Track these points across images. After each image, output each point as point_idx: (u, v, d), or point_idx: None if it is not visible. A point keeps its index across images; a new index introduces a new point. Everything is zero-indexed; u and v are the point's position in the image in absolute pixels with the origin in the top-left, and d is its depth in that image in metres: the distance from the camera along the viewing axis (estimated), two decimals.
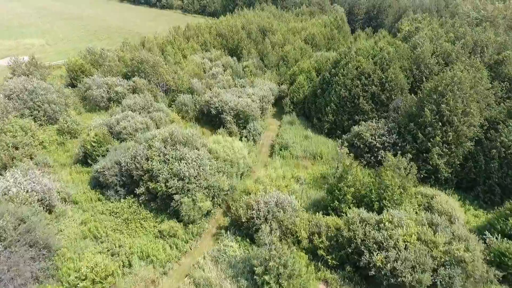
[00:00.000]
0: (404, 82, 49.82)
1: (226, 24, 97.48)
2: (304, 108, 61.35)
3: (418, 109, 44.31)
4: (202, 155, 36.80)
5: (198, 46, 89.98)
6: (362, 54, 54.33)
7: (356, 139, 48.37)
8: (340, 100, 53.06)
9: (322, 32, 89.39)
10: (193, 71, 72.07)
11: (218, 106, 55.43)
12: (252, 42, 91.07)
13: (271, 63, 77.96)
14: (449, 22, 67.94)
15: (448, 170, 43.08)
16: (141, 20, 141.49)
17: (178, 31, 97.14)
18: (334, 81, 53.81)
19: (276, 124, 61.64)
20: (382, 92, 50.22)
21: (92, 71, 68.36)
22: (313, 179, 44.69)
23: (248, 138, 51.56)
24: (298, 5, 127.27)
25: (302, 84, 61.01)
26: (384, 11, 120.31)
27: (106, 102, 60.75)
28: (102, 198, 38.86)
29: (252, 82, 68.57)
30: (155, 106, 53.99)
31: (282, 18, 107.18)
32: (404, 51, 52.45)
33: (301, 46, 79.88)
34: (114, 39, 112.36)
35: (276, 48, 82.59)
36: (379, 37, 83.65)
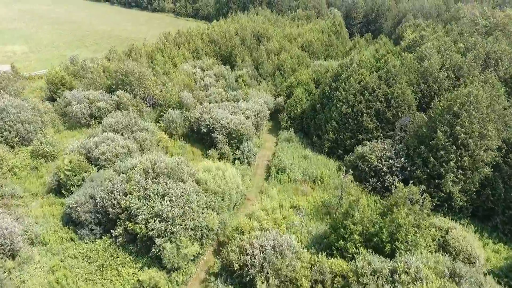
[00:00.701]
0: (411, 98, 45.64)
1: (218, 30, 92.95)
2: (302, 124, 57.01)
3: (429, 130, 40.11)
4: (188, 189, 32.19)
5: (189, 54, 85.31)
6: (365, 67, 50.09)
7: (360, 161, 44.08)
8: (341, 117, 48.76)
9: (319, 39, 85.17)
10: (183, 82, 67.39)
11: (209, 123, 50.87)
12: (246, 49, 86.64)
13: (267, 72, 73.55)
14: (455, 29, 64.10)
15: (463, 198, 38.93)
16: (131, 24, 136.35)
17: (168, 37, 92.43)
18: (335, 96, 49.51)
19: (272, 141, 57.20)
20: (388, 109, 45.98)
21: (73, 83, 63.43)
22: (313, 208, 40.30)
23: (242, 160, 47.03)
24: (293, 8, 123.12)
25: (300, 98, 56.64)
26: (382, 15, 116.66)
27: (88, 119, 55.92)
28: (75, 237, 34.10)
29: (246, 95, 64.07)
30: (139, 124, 49.23)
31: (278, 22, 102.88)
32: (411, 63, 48.29)
33: (298, 54, 75.57)
34: (102, 45, 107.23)
35: (271, 56, 78.24)
36: (379, 44, 79.61)
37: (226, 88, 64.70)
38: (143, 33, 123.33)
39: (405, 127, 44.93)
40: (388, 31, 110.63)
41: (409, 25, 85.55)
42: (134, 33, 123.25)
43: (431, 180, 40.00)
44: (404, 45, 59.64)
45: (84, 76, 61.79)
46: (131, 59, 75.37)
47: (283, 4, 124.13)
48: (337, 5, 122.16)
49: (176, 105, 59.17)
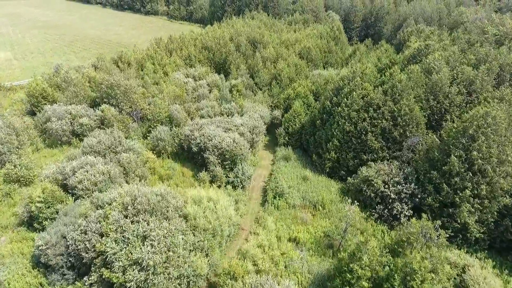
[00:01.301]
0: (420, 116, 41.89)
1: (212, 36, 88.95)
2: (301, 140, 53.14)
3: (442, 153, 36.37)
4: (173, 230, 28.19)
5: (182, 62, 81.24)
6: (368, 80, 46.29)
7: (365, 185, 40.29)
8: (343, 135, 44.93)
9: (318, 45, 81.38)
10: (174, 93, 63.34)
11: (200, 142, 46.87)
12: (241, 56, 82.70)
13: (263, 81, 69.62)
14: (462, 37, 60.56)
15: (479, 229, 35.23)
16: (123, 29, 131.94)
17: (160, 43, 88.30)
18: (336, 112, 45.69)
19: (269, 159, 53.28)
20: (394, 128, 42.21)
21: (56, 96, 59.10)
22: (314, 241, 36.41)
23: (236, 184, 43.05)
24: (290, 12, 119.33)
25: (298, 112, 52.77)
26: (382, 19, 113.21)
27: (69, 136, 51.76)
28: (44, 283, 30.00)
29: (241, 107, 60.12)
30: (124, 144, 45.13)
31: (274, 27, 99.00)
32: (418, 77, 44.54)
33: (296, 62, 71.71)
34: (92, 51, 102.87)
35: (267, 64, 74.33)
36: (381, 51, 75.92)
37: (220, 101, 60.69)
38: (135, 38, 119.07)
39: (413, 147, 41.21)
40: (388, 35, 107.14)
41: (411, 31, 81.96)
42: (126, 38, 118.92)
43: (444, 208, 36.30)
44: (408, 55, 56.01)
45: (66, 89, 57.41)
46: (119, 69, 71.28)
47: (280, 7, 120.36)
48: (335, 9, 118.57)
49: (166, 120, 55.16)
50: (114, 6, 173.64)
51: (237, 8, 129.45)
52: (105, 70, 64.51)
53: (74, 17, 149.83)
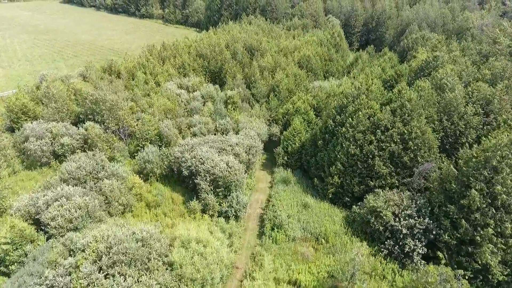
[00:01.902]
0: (433, 139, 38.03)
1: (207, 43, 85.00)
2: (301, 160, 49.21)
3: (459, 185, 32.50)
4: (154, 286, 24.15)
5: (175, 71, 77.22)
6: (374, 98, 42.38)
7: (373, 217, 36.40)
8: (348, 158, 41.01)
9: (318, 53, 77.54)
10: (166, 107, 59.39)
11: (191, 165, 42.87)
12: (237, 65, 78.77)
13: (260, 93, 65.64)
14: (472, 48, 56.79)
15: (503, 271, 31.38)
16: (116, 33, 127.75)
17: (152, 51, 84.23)
18: (340, 132, 41.77)
19: (266, 180, 49.32)
20: (404, 152, 38.32)
21: (38, 111, 54.94)
22: (318, 284, 32.45)
23: (229, 215, 39.04)
24: (289, 16, 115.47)
25: (298, 130, 48.84)
26: (383, 24, 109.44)
27: (49, 157, 47.67)
28: None
29: (236, 122, 56.17)
30: (108, 169, 41.07)
31: (272, 33, 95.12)
32: (430, 95, 40.66)
33: (295, 72, 67.78)
34: (82, 58, 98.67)
35: (265, 73, 70.35)
36: (384, 60, 72.08)
37: (214, 115, 56.66)
38: (128, 43, 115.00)
39: (425, 173, 37.35)
40: (390, 41, 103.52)
41: (416, 39, 78.18)
42: (118, 43, 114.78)
43: (462, 246, 32.47)
44: (416, 67, 52.15)
45: (48, 105, 53.24)
46: (108, 80, 67.14)
47: (278, 11, 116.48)
48: (335, 13, 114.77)
49: (155, 138, 51.15)
50: (108, 9, 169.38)
51: (234, 12, 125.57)
52: (91, 82, 60.32)
53: (67, 21, 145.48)
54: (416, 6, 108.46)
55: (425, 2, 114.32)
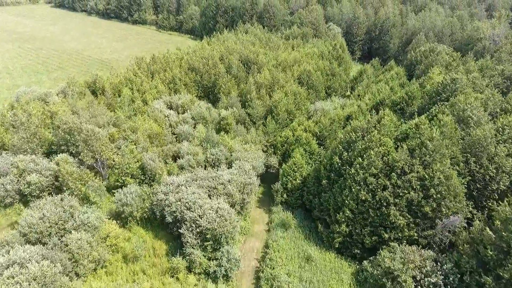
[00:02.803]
0: (458, 185, 32.27)
1: (200, 55, 79.15)
2: (302, 197, 43.37)
3: (498, 252, 26.74)
4: None
5: (164, 87, 71.34)
6: (388, 133, 36.56)
7: (389, 280, 30.60)
8: (358, 204, 35.23)
9: (319, 67, 71.73)
10: (151, 132, 53.54)
11: (175, 210, 37.01)
12: (232, 79, 73.01)
13: (257, 114, 59.76)
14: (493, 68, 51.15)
15: None
16: (106, 41, 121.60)
17: (141, 64, 78.18)
18: (349, 174, 35.94)
19: (263, 222, 43.41)
20: (425, 201, 32.54)
21: (6, 139, 48.83)
22: None
23: (218, 275, 33.13)
24: (288, 23, 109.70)
25: (299, 165, 42.99)
26: (387, 32, 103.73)
27: (14, 197, 41.65)
28: None
29: (230, 150, 50.31)
30: (77, 217, 35.09)
31: (270, 43, 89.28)
32: (453, 131, 34.88)
33: (295, 90, 61.95)
34: (68, 70, 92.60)
35: (262, 91, 64.47)
36: (391, 75, 66.34)
37: (205, 144, 50.69)
38: (118, 53, 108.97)
39: (451, 228, 31.62)
40: (395, 51, 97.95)
41: (425, 52, 72.52)
42: (107, 52, 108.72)
43: None
44: (431, 90, 46.44)
45: (16, 133, 47.08)
46: (86, 102, 60.89)
47: (276, 18, 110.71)
48: (336, 20, 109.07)
49: (137, 172, 45.16)
50: (100, 15, 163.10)
51: (230, 19, 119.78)
52: (68, 105, 54.27)
53: (56, 27, 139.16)
54: (422, 14, 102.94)
55: (430, 9, 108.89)
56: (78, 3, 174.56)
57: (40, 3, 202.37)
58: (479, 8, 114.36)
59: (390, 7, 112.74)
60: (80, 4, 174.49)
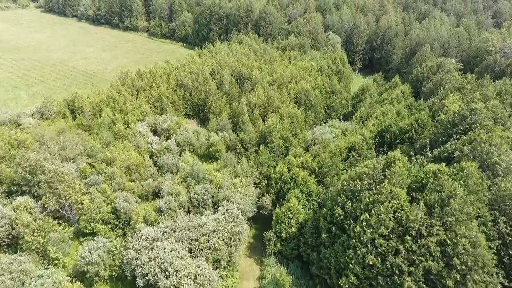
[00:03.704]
0: (486, 253, 26.54)
1: (189, 70, 73.39)
2: (298, 247, 37.60)
3: None
4: None
5: (149, 106, 65.66)
6: (400, 182, 30.80)
7: None
8: (364, 269, 29.48)
9: (318, 85, 65.98)
10: (130, 163, 47.77)
11: (148, 272, 31.19)
12: (224, 98, 67.43)
13: (249, 140, 53.96)
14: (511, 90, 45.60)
15: None
16: (93, 50, 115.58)
17: (125, 80, 72.29)
18: (354, 231, 30.18)
19: (253, 277, 37.58)
20: (447, 270, 26.80)
21: None
22: None
23: None
24: (284, 32, 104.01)
25: (294, 210, 37.22)
26: (389, 41, 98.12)
27: None
28: None
29: (217, 186, 44.53)
30: (29, 286, 29.18)
31: (265, 55, 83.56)
32: (477, 183, 29.18)
33: (291, 113, 56.19)
34: (49, 83, 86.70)
35: (255, 112, 58.70)
36: (397, 95, 60.62)
37: (190, 180, 44.79)
38: (104, 64, 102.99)
39: None
40: (398, 62, 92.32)
41: (431, 67, 66.93)
42: (94, 63, 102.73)
43: None
44: (446, 120, 40.75)
45: None
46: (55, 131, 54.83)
47: (272, 27, 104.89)
48: (336, 29, 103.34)
49: (110, 217, 39.30)
50: (91, 21, 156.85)
51: (224, 27, 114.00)
52: (34, 135, 48.34)
53: (43, 35, 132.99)
54: (426, 23, 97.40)
55: (434, 18, 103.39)
56: (68, 8, 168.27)
57: (30, 7, 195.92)
58: (485, 16, 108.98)
59: (392, 14, 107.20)
60: (70, 9, 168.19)
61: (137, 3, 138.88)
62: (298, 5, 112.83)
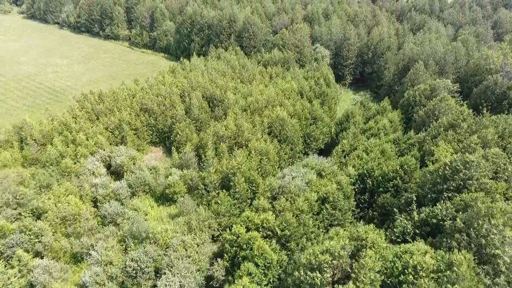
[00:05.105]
0: None
1: (157, 92, 66.16)
2: None
3: None
4: None
5: (108, 135, 58.58)
6: (370, 280, 23.43)
7: None
8: None
9: (297, 111, 58.71)
10: (66, 214, 40.56)
11: None
12: (192, 125, 60.44)
13: (209, 182, 46.70)
14: None
15: None
16: (67, 62, 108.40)
17: (85, 103, 65.00)
18: None
19: None
20: None
21: None
22: None
23: None
24: (269, 44, 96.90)
25: None
26: (382, 55, 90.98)
27: None
28: None
29: (163, 247, 37.28)
30: None
31: (244, 72, 76.34)
32: (472, 284, 21.91)
33: (262, 149, 48.90)
34: (9, 102, 79.66)
35: (222, 146, 51.44)
36: (384, 126, 53.34)
37: (129, 241, 37.47)
38: (76, 78, 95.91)
39: None
40: (390, 79, 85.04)
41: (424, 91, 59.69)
42: (64, 78, 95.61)
43: None
44: (435, 174, 33.42)
45: None
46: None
47: (257, 38, 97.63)
48: (324, 41, 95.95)
49: None
50: (72, 28, 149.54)
51: (206, 37, 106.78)
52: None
53: (17, 44, 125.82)
54: (421, 36, 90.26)
55: (430, 29, 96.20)
56: (50, 15, 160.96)
57: (13, 13, 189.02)
58: (485, 26, 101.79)
59: (385, 25, 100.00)
60: (52, 16, 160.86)
61: (118, 11, 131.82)
62: (284, 15, 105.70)
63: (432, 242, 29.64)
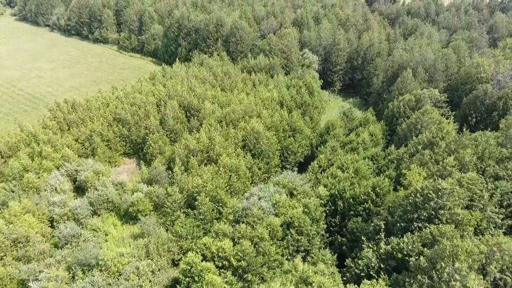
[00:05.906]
0: None
1: (132, 101, 63.71)
2: None
3: None
4: None
5: (77, 147, 56.16)
6: None
7: None
8: None
9: (274, 124, 55.99)
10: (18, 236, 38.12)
11: None
12: (165, 136, 58.04)
13: (173, 200, 44.10)
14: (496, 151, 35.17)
15: None
16: (52, 66, 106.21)
17: (57, 112, 62.56)
18: None
19: None
20: None
21: None
22: None
23: None
24: (256, 49, 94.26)
25: None
26: (371, 61, 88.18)
27: None
28: None
29: (115, 275, 34.69)
30: None
31: (227, 79, 73.74)
32: None
33: (232, 165, 46.18)
34: None
35: (193, 161, 48.78)
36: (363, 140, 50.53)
37: (77, 269, 34.95)
38: (59, 83, 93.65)
39: None
40: (379, 87, 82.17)
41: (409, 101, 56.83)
42: (47, 83, 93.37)
43: None
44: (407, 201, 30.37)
45: None
46: None
47: (244, 43, 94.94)
48: (313, 46, 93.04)
49: None
50: (62, 31, 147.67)
51: (193, 41, 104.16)
52: None
53: (4, 48, 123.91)
54: (411, 41, 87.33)
55: (422, 34, 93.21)
56: (41, 17, 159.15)
57: (6, 15, 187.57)
58: (480, 31, 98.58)
59: (376, 30, 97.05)
60: (43, 18, 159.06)
61: (107, 13, 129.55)
62: (273, 19, 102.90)
63: (397, 278, 26.94)
